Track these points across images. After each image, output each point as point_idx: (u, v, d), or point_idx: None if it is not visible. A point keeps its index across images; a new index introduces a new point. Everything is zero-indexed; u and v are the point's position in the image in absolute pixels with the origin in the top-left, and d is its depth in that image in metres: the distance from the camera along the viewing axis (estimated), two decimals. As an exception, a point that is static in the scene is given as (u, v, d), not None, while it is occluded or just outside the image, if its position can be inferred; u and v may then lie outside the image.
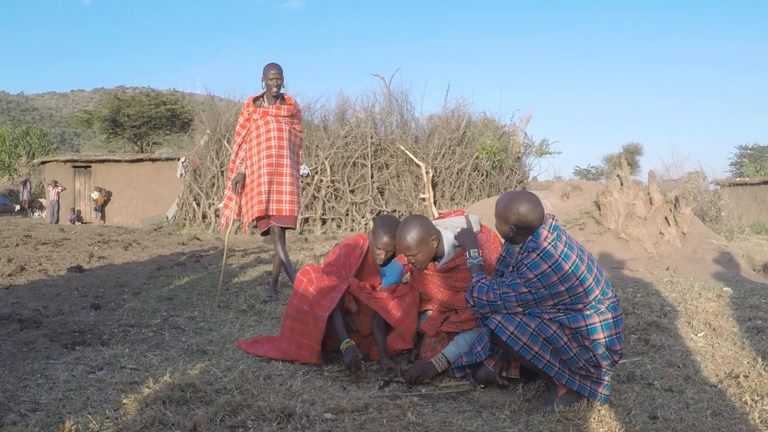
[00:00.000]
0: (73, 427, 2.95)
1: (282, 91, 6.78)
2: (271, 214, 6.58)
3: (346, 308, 4.60)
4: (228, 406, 3.32)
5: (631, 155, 43.53)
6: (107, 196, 28.61)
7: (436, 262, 4.35)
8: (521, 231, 3.58)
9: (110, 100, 38.73)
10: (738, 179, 32.32)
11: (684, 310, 5.80)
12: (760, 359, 4.35)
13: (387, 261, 4.68)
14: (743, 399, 3.65)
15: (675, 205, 9.70)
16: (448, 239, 4.30)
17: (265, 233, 6.88)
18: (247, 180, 6.69)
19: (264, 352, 4.55)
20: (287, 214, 6.64)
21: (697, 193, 18.78)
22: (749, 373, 4.08)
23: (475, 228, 4.32)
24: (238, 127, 6.85)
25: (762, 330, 5.08)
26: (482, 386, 3.95)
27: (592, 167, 49.70)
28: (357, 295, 4.57)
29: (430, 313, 4.52)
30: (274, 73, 6.63)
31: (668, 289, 6.74)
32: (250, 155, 6.72)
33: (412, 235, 4.15)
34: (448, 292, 4.34)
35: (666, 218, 9.57)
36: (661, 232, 9.50)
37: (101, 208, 28.52)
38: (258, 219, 6.66)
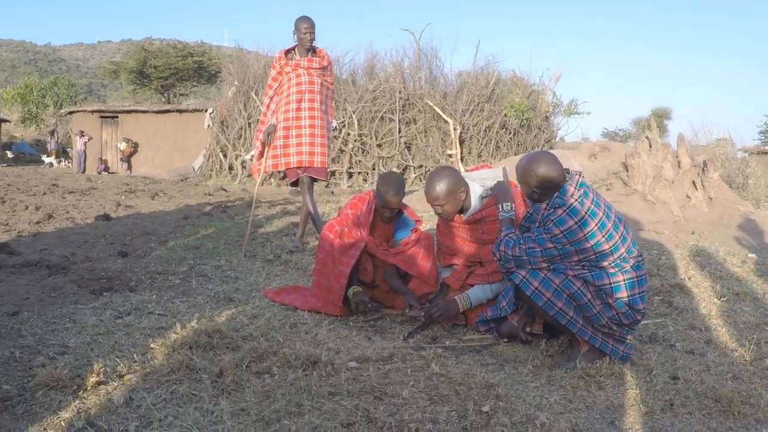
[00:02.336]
0: (101, 370, 3.00)
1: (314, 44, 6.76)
2: (302, 165, 6.61)
3: (363, 266, 4.64)
4: (254, 352, 3.37)
5: (659, 119, 43.02)
6: (134, 147, 28.77)
7: (462, 215, 4.37)
8: (545, 190, 3.58)
9: (137, 51, 38.88)
10: (767, 147, 31.91)
11: (708, 275, 5.78)
12: (783, 326, 4.34)
13: (392, 217, 4.73)
14: (764, 365, 3.65)
15: (703, 170, 9.62)
16: (475, 192, 4.31)
17: (294, 184, 6.92)
18: (279, 132, 6.70)
19: (290, 301, 4.61)
20: (318, 165, 6.69)
21: (724, 159, 18.53)
22: (772, 339, 4.08)
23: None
24: (269, 80, 6.87)
25: (786, 297, 5.07)
26: (506, 340, 3.98)
27: (620, 130, 49.31)
28: (374, 252, 4.62)
29: (456, 267, 4.55)
30: (306, 26, 6.62)
31: (693, 252, 6.72)
32: (281, 106, 6.73)
33: (441, 186, 4.17)
34: (474, 244, 4.37)
35: (693, 182, 9.49)
36: (687, 196, 9.43)
37: (128, 159, 28.73)
38: (288, 169, 6.71)
